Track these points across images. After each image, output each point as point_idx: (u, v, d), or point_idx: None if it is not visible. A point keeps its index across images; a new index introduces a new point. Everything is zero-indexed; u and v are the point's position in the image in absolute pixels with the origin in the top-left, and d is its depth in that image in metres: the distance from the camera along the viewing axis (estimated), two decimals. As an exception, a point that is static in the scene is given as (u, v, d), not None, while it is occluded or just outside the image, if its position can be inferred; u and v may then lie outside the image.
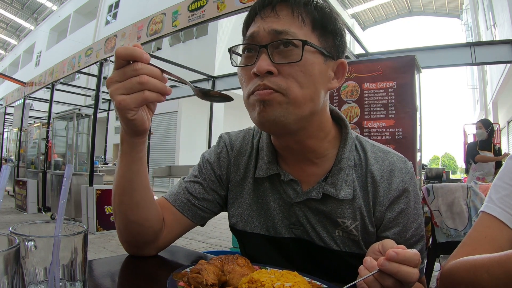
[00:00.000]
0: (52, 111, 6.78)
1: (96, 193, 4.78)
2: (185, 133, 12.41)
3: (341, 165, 0.71)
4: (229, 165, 0.82)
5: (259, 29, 0.66)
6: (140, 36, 4.30)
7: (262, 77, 0.63)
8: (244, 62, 0.68)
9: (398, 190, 0.70)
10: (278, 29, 0.64)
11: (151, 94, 0.56)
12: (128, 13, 13.91)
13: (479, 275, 0.52)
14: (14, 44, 28.98)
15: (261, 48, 0.64)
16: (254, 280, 0.47)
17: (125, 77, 0.56)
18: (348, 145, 0.73)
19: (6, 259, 0.30)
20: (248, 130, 0.87)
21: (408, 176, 0.71)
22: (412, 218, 0.71)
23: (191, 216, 0.78)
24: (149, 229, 0.71)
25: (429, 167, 6.90)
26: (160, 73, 0.58)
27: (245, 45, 0.68)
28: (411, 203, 0.71)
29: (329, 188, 0.70)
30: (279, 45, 0.64)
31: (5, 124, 10.10)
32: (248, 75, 0.66)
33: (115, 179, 0.69)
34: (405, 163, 0.73)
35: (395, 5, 22.73)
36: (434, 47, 4.15)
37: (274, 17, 0.66)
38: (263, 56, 0.64)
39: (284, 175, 0.74)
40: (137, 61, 0.56)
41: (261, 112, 0.64)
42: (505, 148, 10.61)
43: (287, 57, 0.63)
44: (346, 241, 0.71)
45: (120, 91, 0.56)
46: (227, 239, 4.41)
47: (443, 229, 2.25)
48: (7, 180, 0.40)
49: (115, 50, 0.56)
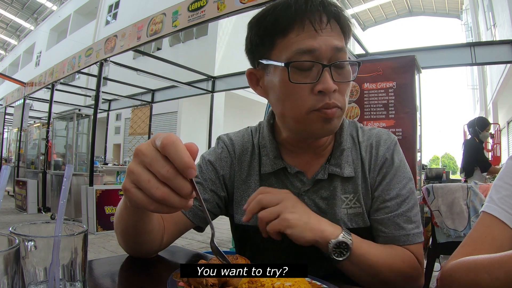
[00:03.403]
0: (52, 111, 6.78)
1: (96, 193, 4.78)
2: (185, 133, 12.41)
3: (342, 147, 0.78)
4: (232, 164, 0.83)
5: (320, 45, 0.65)
6: (140, 36, 4.30)
7: (328, 95, 0.66)
8: (298, 78, 0.66)
9: (385, 157, 0.78)
10: (338, 46, 0.67)
11: (161, 208, 0.45)
12: (128, 13, 13.92)
13: (479, 275, 0.52)
14: (14, 44, 29.00)
15: (326, 67, 0.66)
16: (254, 280, 0.47)
17: (151, 169, 0.43)
18: (345, 129, 0.80)
19: (6, 259, 0.30)
20: (246, 130, 0.88)
21: (393, 144, 0.80)
22: (396, 178, 0.76)
23: (191, 216, 0.78)
24: (151, 242, 0.70)
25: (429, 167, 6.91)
26: (189, 192, 0.43)
27: (304, 62, 0.67)
28: (395, 165, 0.77)
29: (334, 168, 0.76)
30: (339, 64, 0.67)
31: (5, 124, 10.10)
32: (306, 91, 0.67)
33: (117, 211, 0.66)
34: (389, 134, 0.82)
35: (395, 5, 22.75)
36: (434, 47, 4.15)
37: (329, 30, 0.66)
38: (328, 74, 0.66)
39: (290, 168, 0.78)
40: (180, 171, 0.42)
41: (326, 126, 0.69)
42: (505, 149, 10.60)
43: (344, 76, 0.69)
44: (352, 218, 0.76)
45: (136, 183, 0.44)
46: (227, 239, 4.41)
47: (443, 229, 2.25)
48: (7, 180, 0.40)
49: (168, 137, 0.42)
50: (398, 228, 0.74)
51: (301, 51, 0.65)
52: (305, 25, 0.65)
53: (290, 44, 0.66)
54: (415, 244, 0.74)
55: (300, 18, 0.65)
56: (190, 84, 6.62)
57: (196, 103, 11.05)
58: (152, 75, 6.09)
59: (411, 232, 0.74)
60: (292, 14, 0.66)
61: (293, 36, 0.66)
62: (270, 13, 0.69)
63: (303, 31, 0.65)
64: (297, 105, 0.68)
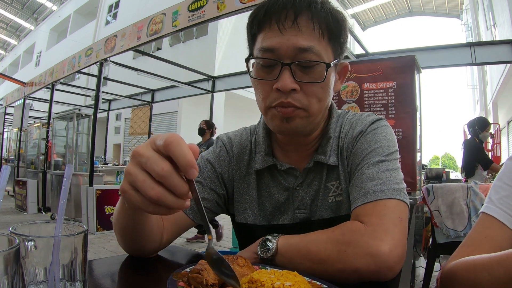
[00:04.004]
0: (52, 111, 6.79)
1: (96, 193, 4.78)
2: (185, 133, 12.40)
3: (328, 135, 0.77)
4: (230, 163, 0.84)
5: (280, 45, 0.65)
6: (140, 36, 4.30)
7: (285, 94, 0.66)
8: (262, 74, 0.69)
9: (359, 133, 0.75)
10: (303, 46, 0.65)
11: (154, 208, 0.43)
12: (128, 13, 13.92)
13: (479, 275, 0.52)
14: (14, 44, 29.00)
15: (285, 66, 0.65)
16: (254, 280, 0.47)
17: (147, 168, 0.42)
18: (334, 119, 0.79)
19: (6, 259, 0.30)
20: (244, 129, 0.90)
21: (370, 121, 0.75)
22: (366, 144, 0.72)
23: (192, 215, 0.78)
24: (150, 241, 0.70)
25: (429, 167, 6.90)
26: (185, 191, 0.42)
27: (265, 59, 0.67)
28: (367, 134, 0.74)
29: (320, 156, 0.76)
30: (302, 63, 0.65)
31: (5, 124, 10.10)
32: (267, 87, 0.68)
33: (116, 211, 0.65)
34: (370, 115, 0.78)
35: (395, 5, 22.74)
36: (434, 47, 4.15)
37: (295, 30, 0.65)
38: (287, 73, 0.65)
39: (280, 164, 0.78)
40: (180, 169, 0.41)
41: (282, 125, 0.69)
42: (505, 148, 10.60)
43: (311, 76, 0.66)
44: (339, 206, 0.75)
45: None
46: (227, 239, 4.41)
47: (442, 229, 2.25)
48: (7, 180, 0.40)
49: (170, 138, 0.41)
50: (358, 189, 0.67)
51: (263, 49, 0.67)
52: (271, 24, 0.66)
53: (259, 42, 0.69)
54: (375, 201, 0.63)
55: (269, 17, 0.66)
56: (190, 84, 6.62)
57: (196, 103, 11.05)
58: (152, 75, 6.09)
59: (371, 189, 0.64)
60: (265, 12, 0.67)
61: (262, 34, 0.68)
62: (255, 11, 0.71)
63: (270, 29, 0.66)
64: (259, 100, 0.71)
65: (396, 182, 0.66)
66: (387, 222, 0.60)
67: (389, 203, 0.63)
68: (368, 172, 0.67)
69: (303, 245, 0.62)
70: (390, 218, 0.60)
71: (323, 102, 0.70)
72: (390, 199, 0.63)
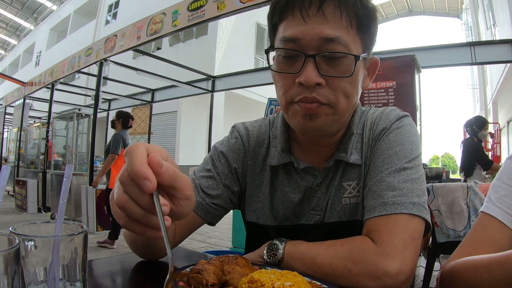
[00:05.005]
0: (52, 111, 6.79)
1: (96, 193, 4.78)
2: (185, 133, 12.40)
3: (351, 131, 0.71)
4: (245, 157, 0.78)
5: (304, 34, 0.59)
6: (140, 36, 4.30)
7: (310, 89, 0.60)
8: (283, 66, 0.63)
9: (382, 130, 0.70)
10: (329, 36, 0.58)
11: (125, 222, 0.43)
12: (128, 13, 13.90)
13: (479, 275, 0.52)
14: (14, 44, 28.97)
15: (308, 57, 0.59)
16: (254, 280, 0.47)
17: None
18: (357, 115, 0.73)
19: (6, 259, 0.30)
20: (263, 121, 0.82)
21: (394, 118, 0.70)
22: (388, 145, 0.67)
23: (204, 214, 0.74)
24: (161, 247, 0.66)
25: (429, 166, 6.90)
26: (146, 202, 0.40)
27: (286, 50, 0.61)
28: (390, 135, 0.68)
29: (341, 153, 0.70)
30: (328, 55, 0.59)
31: (5, 124, 10.11)
32: (289, 81, 0.62)
33: None
34: (394, 110, 0.73)
35: (395, 5, 22.72)
36: (434, 47, 4.15)
37: (320, 18, 0.59)
38: (311, 65, 0.59)
39: (298, 163, 0.72)
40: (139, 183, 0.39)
41: (305, 123, 0.63)
42: (505, 148, 10.60)
43: (337, 69, 0.60)
44: (353, 209, 0.70)
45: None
46: (227, 239, 4.41)
47: (443, 229, 2.25)
48: (7, 180, 0.40)
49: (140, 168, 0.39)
50: (376, 197, 0.62)
51: (284, 39, 0.61)
52: (294, 12, 0.60)
53: (280, 32, 0.63)
54: (396, 214, 0.59)
55: (291, 4, 0.61)
56: (190, 83, 6.62)
57: (196, 102, 11.03)
58: (152, 74, 6.09)
59: (390, 200, 0.60)
60: (287, 0, 0.62)
61: (284, 23, 0.63)
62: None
63: (293, 17, 0.61)
64: (280, 95, 0.65)
65: (418, 195, 0.61)
66: (399, 242, 0.57)
67: (404, 219, 0.59)
68: (388, 180, 0.63)
69: (309, 255, 0.60)
70: (402, 237, 0.57)
71: (351, 99, 0.63)
72: (409, 214, 0.59)
